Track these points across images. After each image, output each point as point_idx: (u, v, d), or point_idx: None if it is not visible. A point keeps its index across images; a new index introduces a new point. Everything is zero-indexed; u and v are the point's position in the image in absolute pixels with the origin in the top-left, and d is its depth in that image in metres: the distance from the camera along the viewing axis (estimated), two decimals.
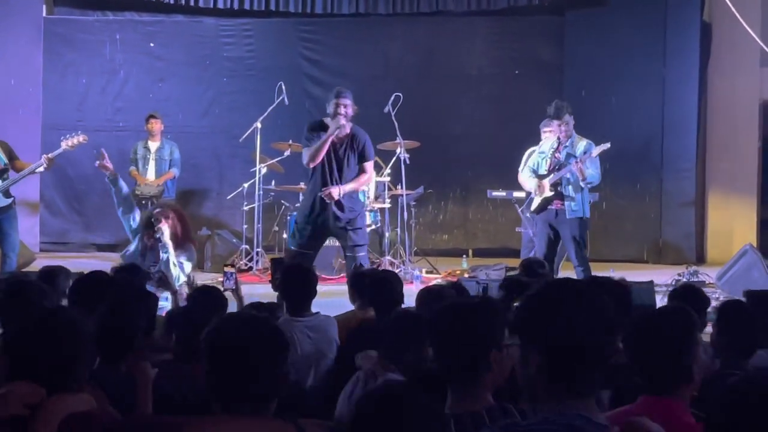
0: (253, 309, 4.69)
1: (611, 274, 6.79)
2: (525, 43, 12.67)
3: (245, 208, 10.74)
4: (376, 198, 10.56)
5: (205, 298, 4.63)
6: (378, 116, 10.17)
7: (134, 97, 12.69)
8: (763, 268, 8.86)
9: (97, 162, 7.55)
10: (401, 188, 10.25)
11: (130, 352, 3.54)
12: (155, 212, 7.45)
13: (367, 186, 10.28)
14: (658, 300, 7.03)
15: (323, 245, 8.21)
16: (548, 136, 9.38)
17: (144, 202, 10.08)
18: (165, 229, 7.10)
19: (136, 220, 7.42)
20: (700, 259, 11.61)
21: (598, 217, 10.98)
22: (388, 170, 10.67)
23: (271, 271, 6.13)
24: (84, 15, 12.96)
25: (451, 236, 12.86)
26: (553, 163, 8.31)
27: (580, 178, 8.08)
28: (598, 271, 8.07)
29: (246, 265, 10.43)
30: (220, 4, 12.17)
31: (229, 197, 11.35)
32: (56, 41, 12.64)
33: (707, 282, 9.03)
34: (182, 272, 7.22)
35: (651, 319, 2.98)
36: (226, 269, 5.73)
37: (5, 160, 8.73)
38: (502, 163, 10.87)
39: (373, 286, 5.08)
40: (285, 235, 10.33)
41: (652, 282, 7.44)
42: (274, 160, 10.58)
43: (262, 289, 8.03)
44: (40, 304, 4.00)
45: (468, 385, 2.75)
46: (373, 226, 10.43)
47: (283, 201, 11.00)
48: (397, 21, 12.63)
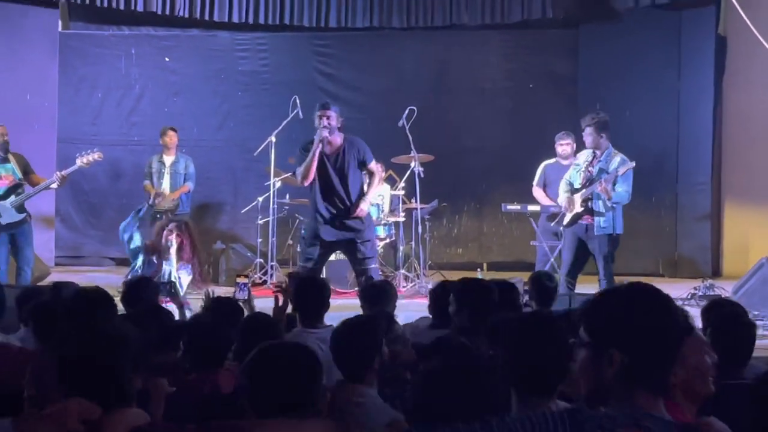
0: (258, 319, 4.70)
1: None
2: (539, 57, 12.65)
3: (260, 222, 10.74)
4: (391, 211, 10.56)
5: (221, 309, 4.67)
6: (392, 130, 10.18)
7: (149, 111, 12.74)
8: None
9: (156, 200, 7.89)
10: (415, 202, 10.23)
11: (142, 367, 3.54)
12: (169, 226, 7.52)
13: (382, 199, 10.31)
14: None
15: (333, 259, 8.20)
16: (566, 150, 9.42)
17: (159, 216, 10.09)
18: (173, 241, 7.15)
19: (134, 240, 7.52)
20: (716, 272, 11.54)
21: None
22: (402, 184, 10.67)
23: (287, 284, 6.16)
24: (100, 29, 12.99)
25: (466, 250, 12.83)
26: (586, 178, 8.25)
27: (606, 198, 8.03)
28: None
29: (260, 278, 10.42)
30: (235, 19, 12.18)
31: (243, 211, 11.36)
32: (71, 55, 12.70)
33: (723, 295, 8.98)
34: (180, 285, 7.29)
35: None
36: (238, 280, 5.78)
37: (20, 174, 8.78)
38: (517, 177, 10.86)
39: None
40: (299, 249, 10.32)
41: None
42: (288, 174, 10.58)
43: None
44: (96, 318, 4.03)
45: (539, 395, 2.81)
46: (387, 240, 10.42)
47: (297, 215, 10.99)
48: (412, 35, 12.62)
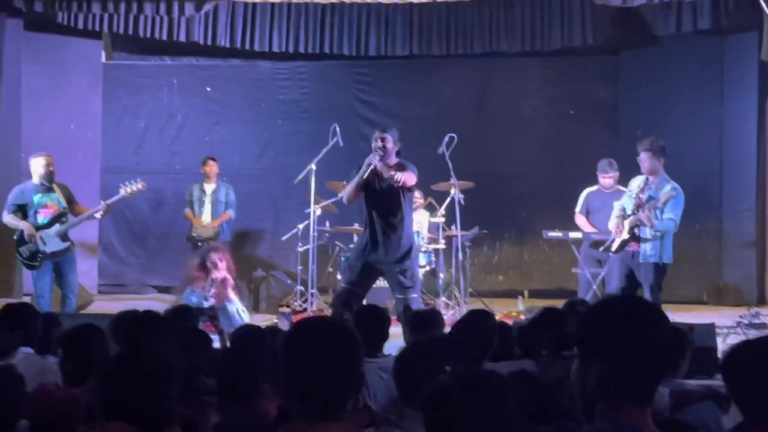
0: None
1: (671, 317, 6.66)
2: (579, 83, 12.63)
3: (300, 250, 10.75)
4: (431, 239, 10.54)
5: (246, 337, 4.71)
6: (432, 157, 10.17)
7: (191, 140, 12.87)
8: None
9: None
10: (456, 229, 10.19)
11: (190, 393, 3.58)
12: (210, 256, 7.61)
13: (421, 228, 10.29)
14: (719, 342, 6.94)
15: (373, 286, 8.15)
16: (608, 182, 9.43)
17: (200, 244, 10.17)
18: (222, 270, 7.21)
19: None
20: (761, 300, 11.35)
21: None
22: (442, 211, 10.64)
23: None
24: (142, 60, 13.16)
25: (507, 277, 12.76)
26: (636, 204, 8.15)
27: (648, 226, 7.93)
28: None
29: (301, 306, 10.42)
30: (275, 48, 12.27)
31: (284, 238, 11.37)
32: (114, 85, 12.85)
33: None
34: (247, 315, 7.40)
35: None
36: (281, 310, 5.79)
37: (64, 203, 8.87)
38: (557, 203, 10.81)
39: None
40: (339, 276, 10.32)
41: (713, 324, 7.30)
42: (328, 201, 10.60)
43: None
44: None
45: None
46: (428, 267, 10.40)
47: (337, 242, 11.01)
48: (451, 62, 12.63)
